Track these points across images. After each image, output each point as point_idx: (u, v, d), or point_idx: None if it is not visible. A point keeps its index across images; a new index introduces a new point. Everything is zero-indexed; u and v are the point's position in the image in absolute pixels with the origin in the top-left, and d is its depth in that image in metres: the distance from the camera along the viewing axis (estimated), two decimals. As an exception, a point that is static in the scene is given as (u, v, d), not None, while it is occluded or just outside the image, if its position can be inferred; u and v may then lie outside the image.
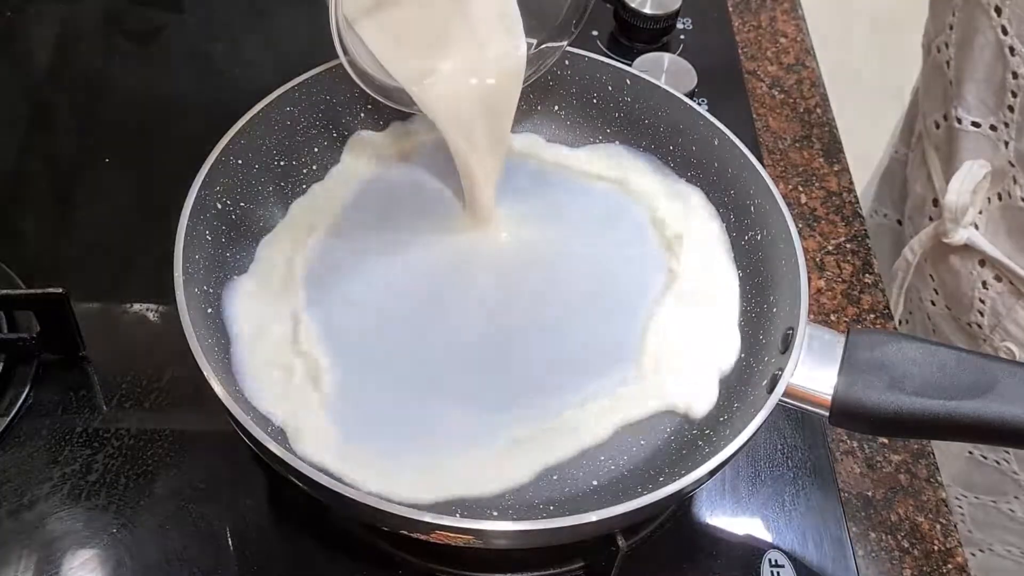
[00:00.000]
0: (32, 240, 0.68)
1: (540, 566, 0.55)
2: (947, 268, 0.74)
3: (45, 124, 0.76)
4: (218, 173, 0.56)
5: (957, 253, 0.73)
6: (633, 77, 0.64)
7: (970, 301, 0.73)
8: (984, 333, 0.73)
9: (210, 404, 0.47)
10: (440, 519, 0.45)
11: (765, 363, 0.54)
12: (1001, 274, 0.70)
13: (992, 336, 0.73)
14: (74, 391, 0.60)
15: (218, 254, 0.56)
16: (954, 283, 0.74)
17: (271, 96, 0.59)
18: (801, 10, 0.90)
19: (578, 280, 0.59)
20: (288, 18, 0.84)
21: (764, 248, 0.58)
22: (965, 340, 0.76)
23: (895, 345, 0.51)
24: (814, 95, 0.82)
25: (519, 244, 0.60)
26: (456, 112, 0.56)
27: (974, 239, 0.70)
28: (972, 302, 0.73)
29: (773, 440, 0.61)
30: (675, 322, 0.56)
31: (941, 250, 0.74)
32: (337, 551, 0.55)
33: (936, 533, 0.60)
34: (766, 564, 0.56)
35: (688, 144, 0.63)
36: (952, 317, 0.76)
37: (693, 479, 0.47)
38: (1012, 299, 0.70)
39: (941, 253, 0.74)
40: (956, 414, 0.48)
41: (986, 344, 0.73)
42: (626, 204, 0.62)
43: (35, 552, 0.54)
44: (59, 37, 0.82)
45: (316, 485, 0.45)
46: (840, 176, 0.77)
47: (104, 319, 0.64)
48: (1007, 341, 0.71)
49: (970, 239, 0.70)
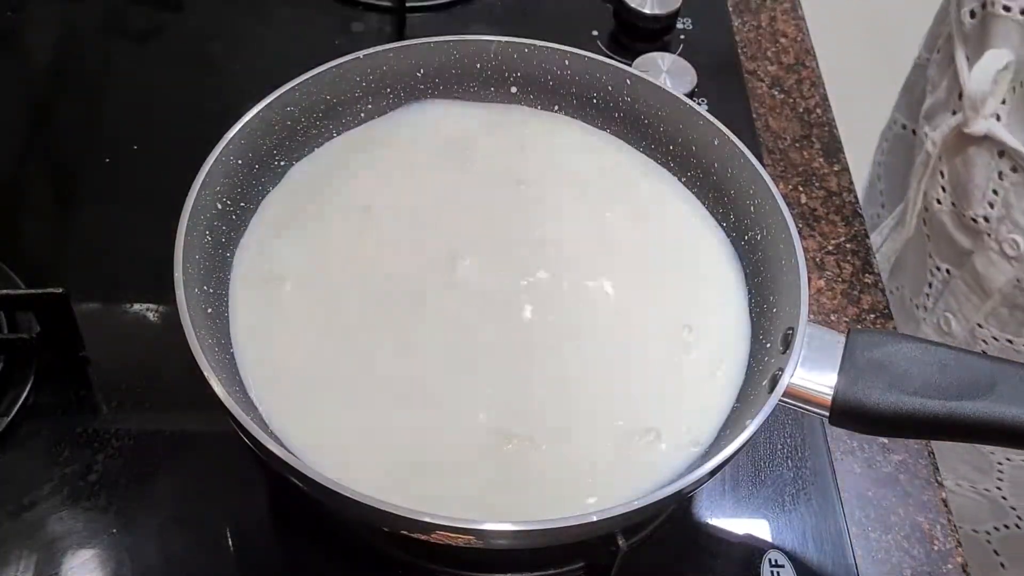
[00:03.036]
0: (32, 240, 0.68)
1: (540, 566, 0.56)
2: (963, 160, 0.76)
3: (45, 124, 0.76)
4: (218, 173, 0.56)
5: (976, 144, 0.74)
6: (633, 77, 0.64)
7: (981, 193, 0.74)
8: (990, 227, 0.75)
9: (210, 404, 0.47)
10: (440, 519, 0.44)
11: (765, 363, 0.54)
12: (1017, 165, 0.72)
13: (999, 228, 0.74)
14: (74, 391, 0.60)
15: (218, 254, 0.56)
16: (967, 175, 0.76)
17: (271, 96, 0.59)
18: (801, 10, 0.90)
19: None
20: (288, 18, 0.84)
21: (764, 248, 0.58)
22: (967, 237, 0.78)
23: (895, 345, 0.51)
24: (814, 95, 0.82)
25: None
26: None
27: (994, 129, 0.72)
28: (984, 194, 0.74)
29: (773, 440, 0.61)
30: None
31: (960, 143, 0.76)
32: (337, 551, 0.55)
33: (936, 533, 0.60)
34: (766, 564, 0.56)
35: (688, 144, 0.63)
36: (956, 214, 0.78)
37: (693, 479, 0.47)
38: (1022, 189, 0.72)
39: (959, 145, 0.76)
40: (956, 414, 0.48)
41: (990, 238, 0.75)
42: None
43: (35, 552, 0.54)
44: (59, 37, 0.82)
45: (316, 485, 0.45)
46: (840, 176, 0.77)
47: (104, 319, 0.64)
48: (1014, 233, 0.73)
49: (990, 129, 0.72)
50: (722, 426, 0.53)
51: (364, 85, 0.63)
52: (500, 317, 0.57)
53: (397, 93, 0.64)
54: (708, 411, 0.54)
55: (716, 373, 0.56)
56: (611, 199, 0.63)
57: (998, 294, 0.76)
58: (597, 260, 0.60)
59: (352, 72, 0.62)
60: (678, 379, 0.56)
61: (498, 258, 0.59)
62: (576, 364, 0.56)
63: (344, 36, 0.82)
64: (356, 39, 0.82)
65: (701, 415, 0.54)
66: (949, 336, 0.82)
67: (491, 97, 0.66)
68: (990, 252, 0.76)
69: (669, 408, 0.54)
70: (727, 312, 0.58)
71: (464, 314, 0.57)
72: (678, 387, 0.55)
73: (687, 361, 0.56)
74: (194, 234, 0.53)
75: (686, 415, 0.54)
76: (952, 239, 0.80)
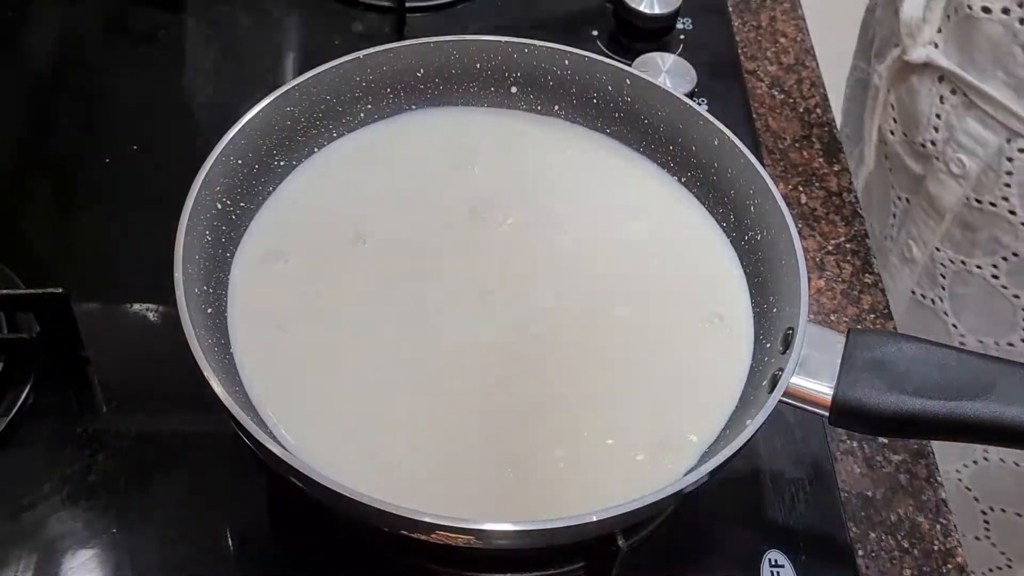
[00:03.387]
0: (32, 240, 0.68)
1: (540, 566, 0.55)
2: (908, 89, 0.81)
3: (45, 124, 0.76)
4: (218, 173, 0.56)
5: (917, 73, 0.79)
6: (633, 77, 0.64)
7: (927, 119, 0.79)
8: (937, 151, 0.79)
9: (210, 404, 0.47)
10: (440, 519, 0.44)
11: (765, 363, 0.54)
12: (956, 87, 0.76)
13: (945, 150, 0.78)
14: (74, 392, 0.60)
15: (218, 254, 0.56)
16: (912, 104, 0.81)
17: (271, 96, 0.59)
18: (801, 10, 0.90)
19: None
20: (288, 18, 0.84)
21: (764, 248, 0.58)
22: (918, 163, 0.82)
23: (895, 345, 0.51)
24: (814, 95, 0.82)
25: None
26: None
27: (932, 55, 0.76)
28: (928, 119, 0.79)
29: (773, 440, 0.61)
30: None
31: (903, 73, 0.80)
32: (337, 551, 0.55)
33: (936, 533, 0.60)
34: (766, 564, 0.56)
35: (688, 144, 0.63)
36: (908, 142, 0.83)
37: (693, 479, 0.47)
38: (963, 110, 0.76)
39: (903, 75, 0.81)
40: (956, 414, 0.48)
41: (939, 161, 0.79)
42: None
43: (35, 553, 0.54)
44: (59, 37, 0.82)
45: (316, 485, 0.45)
46: (840, 176, 0.77)
47: (104, 319, 0.64)
48: (959, 153, 0.76)
49: (929, 56, 0.76)
50: (722, 426, 0.53)
51: (364, 85, 0.63)
52: (501, 322, 0.57)
53: (397, 93, 0.64)
54: (709, 411, 0.54)
55: (716, 373, 0.56)
56: (611, 201, 0.63)
57: (950, 214, 0.80)
58: (597, 263, 0.60)
59: (352, 72, 0.62)
60: (678, 379, 0.56)
61: (498, 262, 0.60)
62: (576, 365, 0.56)
63: (344, 36, 0.82)
64: (356, 39, 0.82)
65: (702, 415, 0.54)
66: (912, 263, 0.85)
67: (491, 97, 0.66)
68: (940, 174, 0.79)
69: (670, 409, 0.55)
70: (727, 312, 0.58)
71: (465, 318, 0.57)
72: (678, 387, 0.55)
73: (687, 361, 0.56)
74: (194, 234, 0.53)
75: (687, 415, 0.54)
76: (907, 168, 0.84)
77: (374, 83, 0.63)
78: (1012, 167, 0.74)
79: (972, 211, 0.78)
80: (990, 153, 0.75)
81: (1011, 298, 0.79)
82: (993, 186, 0.75)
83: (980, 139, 0.75)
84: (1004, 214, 0.76)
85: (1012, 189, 0.74)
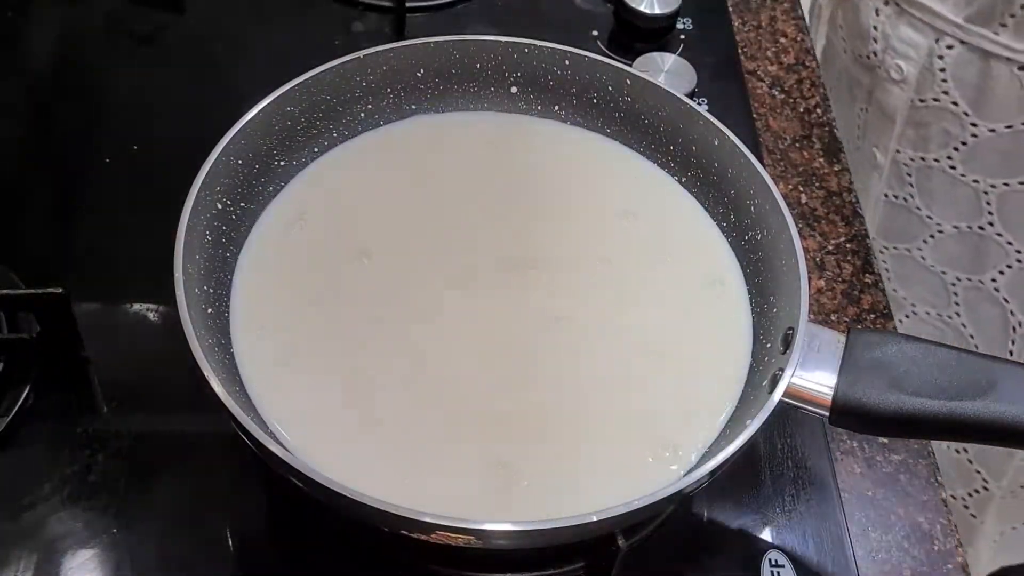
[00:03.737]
0: (32, 240, 0.68)
1: (540, 566, 0.55)
2: (850, 7, 0.91)
3: (46, 124, 0.76)
4: (218, 173, 0.56)
5: None
6: (633, 77, 0.64)
7: (867, 32, 0.88)
8: (878, 60, 0.88)
9: (210, 404, 0.47)
10: (440, 519, 0.44)
11: (765, 363, 0.54)
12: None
13: (884, 59, 0.87)
14: (74, 392, 0.60)
15: (218, 254, 0.56)
16: (855, 20, 0.90)
17: (271, 96, 0.59)
18: (801, 10, 0.90)
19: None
20: (288, 18, 0.84)
21: (764, 248, 0.58)
22: (865, 75, 0.91)
23: (895, 345, 0.51)
24: (814, 95, 0.82)
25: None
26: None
27: None
28: (868, 31, 0.88)
29: (773, 440, 0.61)
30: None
31: None
32: (337, 551, 0.55)
33: (936, 533, 0.60)
34: (766, 564, 0.56)
35: (688, 144, 0.63)
36: (856, 56, 0.92)
37: (693, 479, 0.47)
38: (896, 19, 0.85)
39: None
40: (956, 414, 0.48)
41: (880, 70, 0.88)
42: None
43: (35, 553, 0.54)
44: (59, 37, 0.82)
45: (316, 485, 0.45)
46: (840, 176, 0.77)
47: (104, 319, 0.64)
48: (896, 59, 0.85)
49: None
50: (722, 426, 0.53)
51: (364, 85, 0.63)
52: (500, 323, 0.57)
53: (397, 93, 0.64)
54: (709, 411, 0.54)
55: (716, 373, 0.56)
56: (611, 201, 0.63)
57: (900, 117, 0.87)
58: (597, 263, 0.60)
59: (352, 72, 0.62)
60: (678, 379, 0.56)
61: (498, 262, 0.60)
62: (576, 367, 0.56)
63: (344, 36, 0.82)
64: (356, 39, 0.82)
65: (702, 415, 0.54)
66: (879, 168, 0.92)
67: (491, 97, 0.66)
68: (884, 83, 0.88)
69: (670, 409, 0.55)
70: (727, 312, 0.58)
71: (465, 319, 0.57)
72: (678, 387, 0.55)
73: (687, 361, 0.56)
74: (194, 234, 0.53)
75: (687, 416, 0.54)
76: (860, 81, 0.92)
77: (374, 83, 0.63)
78: (944, 64, 0.82)
79: (919, 110, 0.86)
80: (923, 55, 0.83)
81: (971, 183, 0.85)
82: (932, 84, 0.84)
83: (912, 43, 0.84)
84: (947, 107, 0.84)
85: (949, 84, 0.83)
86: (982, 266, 0.90)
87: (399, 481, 0.50)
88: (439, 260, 0.59)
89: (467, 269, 0.59)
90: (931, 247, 0.92)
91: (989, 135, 0.83)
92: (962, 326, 0.94)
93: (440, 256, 0.59)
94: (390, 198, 0.62)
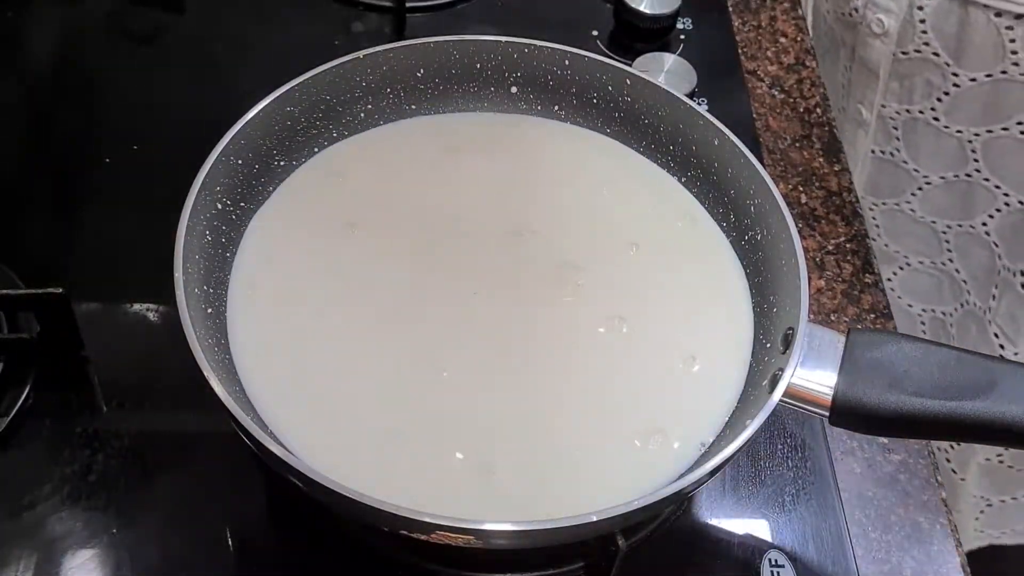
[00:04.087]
0: (32, 240, 0.68)
1: (540, 566, 0.55)
2: None
3: (45, 124, 0.76)
4: (218, 173, 0.56)
5: None
6: (633, 77, 0.64)
7: None
8: (860, 16, 0.89)
9: (210, 404, 0.47)
10: (440, 519, 0.44)
11: (765, 363, 0.54)
12: None
13: (866, 13, 0.88)
14: (74, 391, 0.60)
15: (218, 254, 0.56)
16: None
17: (271, 96, 0.59)
18: (801, 10, 0.90)
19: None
20: (288, 18, 0.84)
21: (764, 248, 0.58)
22: (848, 32, 0.93)
23: (895, 345, 0.51)
24: (814, 95, 0.82)
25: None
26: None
27: None
28: None
29: (773, 440, 0.61)
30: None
31: None
32: (337, 551, 0.55)
33: (936, 533, 0.60)
34: (766, 564, 0.56)
35: (688, 144, 0.63)
36: (839, 15, 0.94)
37: (693, 479, 0.47)
38: None
39: None
40: (956, 414, 0.48)
41: (862, 26, 0.89)
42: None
43: (35, 552, 0.54)
44: (59, 37, 0.82)
45: (316, 485, 0.45)
46: (840, 176, 0.77)
47: (104, 319, 0.64)
48: (878, 13, 0.87)
49: None
50: (722, 426, 0.53)
51: (364, 85, 0.63)
52: (500, 322, 0.57)
53: (397, 93, 0.64)
54: (708, 411, 0.54)
55: (716, 373, 0.56)
56: (610, 201, 0.63)
57: (883, 71, 0.89)
58: (597, 263, 0.60)
59: (352, 72, 0.62)
60: (678, 379, 0.56)
61: (498, 262, 0.60)
62: (576, 366, 0.56)
63: (344, 36, 0.82)
64: (356, 39, 0.82)
65: (701, 415, 0.54)
66: (865, 125, 0.94)
67: (491, 97, 0.66)
68: (866, 38, 0.89)
69: (670, 409, 0.55)
70: (727, 312, 0.58)
71: (464, 318, 0.57)
72: (678, 387, 0.55)
73: (687, 361, 0.56)
74: (194, 234, 0.53)
75: (687, 416, 0.54)
76: (843, 40, 0.94)
77: (374, 83, 0.63)
78: (924, 15, 0.84)
79: (901, 63, 0.87)
80: (903, 7, 0.85)
81: (955, 134, 0.87)
82: (913, 36, 0.85)
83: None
84: (929, 57, 0.85)
85: (929, 35, 0.84)
86: (971, 212, 0.91)
87: (399, 481, 0.50)
88: (439, 260, 0.59)
89: (467, 269, 0.59)
90: (919, 199, 0.93)
91: (970, 84, 0.84)
92: (956, 271, 0.95)
93: (440, 256, 0.59)
94: (390, 199, 0.62)
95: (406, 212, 0.61)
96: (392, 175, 0.63)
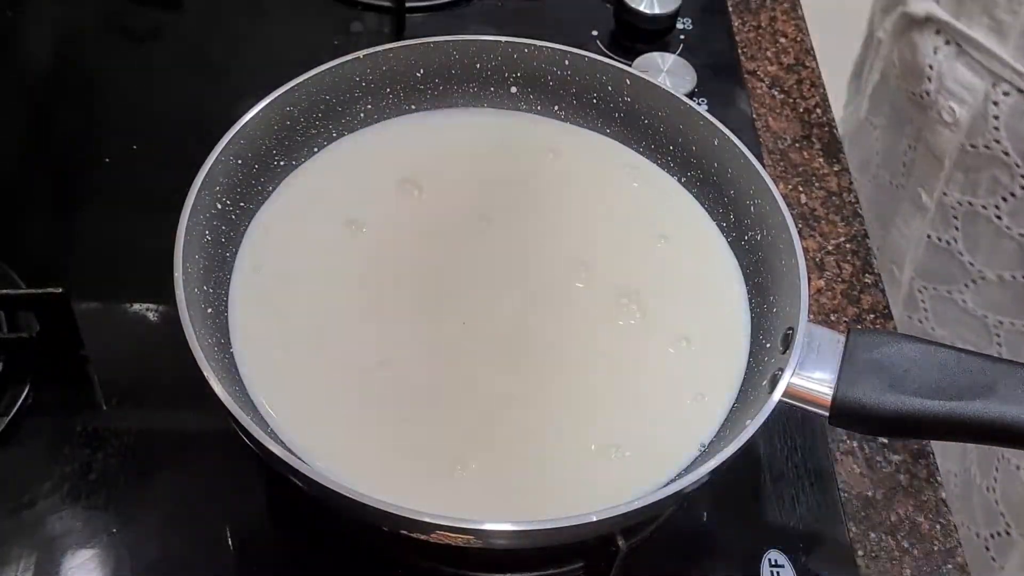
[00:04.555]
0: (32, 240, 0.68)
1: (540, 566, 0.56)
2: (907, 43, 0.87)
3: (45, 124, 0.76)
4: (218, 173, 0.56)
5: (918, 27, 0.85)
6: (633, 77, 0.64)
7: (922, 70, 0.85)
8: (931, 100, 0.85)
9: (210, 404, 0.47)
10: (440, 519, 0.45)
11: (765, 363, 0.54)
12: (949, 37, 0.82)
13: (937, 99, 0.84)
14: (74, 391, 0.60)
15: (218, 254, 0.56)
16: (912, 57, 0.86)
17: (271, 96, 0.59)
18: (801, 10, 0.90)
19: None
20: (288, 18, 0.84)
21: (764, 248, 0.58)
22: (917, 112, 0.88)
23: (895, 345, 0.51)
24: (814, 95, 0.82)
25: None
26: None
27: (932, 10, 0.83)
28: (924, 70, 0.85)
29: (773, 440, 0.61)
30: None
31: (905, 27, 0.87)
32: (337, 551, 0.55)
33: (936, 533, 0.60)
34: (766, 564, 0.56)
35: (688, 144, 0.63)
36: (908, 92, 0.89)
37: (693, 479, 0.47)
38: (953, 59, 0.82)
39: (905, 30, 0.87)
40: (956, 414, 0.48)
41: (932, 111, 0.85)
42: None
43: (35, 552, 0.54)
44: (59, 37, 0.82)
45: (316, 485, 0.45)
46: (840, 176, 0.77)
47: (104, 318, 0.64)
48: (950, 101, 0.82)
49: (928, 9, 0.83)
50: (722, 426, 0.53)
51: (364, 85, 0.63)
52: (499, 321, 0.57)
53: (397, 93, 0.64)
54: (708, 411, 0.54)
55: (716, 373, 0.56)
56: (610, 201, 0.63)
57: (948, 160, 0.84)
58: (595, 262, 0.60)
59: (352, 72, 0.62)
60: (678, 379, 0.56)
61: (497, 262, 0.60)
62: (575, 363, 0.56)
63: (344, 36, 0.82)
64: (356, 39, 0.82)
65: (701, 415, 0.54)
66: (924, 209, 0.89)
67: (491, 97, 0.66)
68: (935, 124, 0.85)
69: (669, 408, 0.55)
70: (727, 312, 0.58)
71: (467, 316, 0.57)
72: (678, 387, 0.55)
73: (687, 361, 0.56)
74: (194, 234, 0.53)
75: (686, 415, 0.54)
76: (910, 119, 0.90)
77: (374, 83, 0.63)
78: (998, 111, 0.79)
79: (969, 155, 0.82)
80: (978, 99, 0.80)
81: (1016, 236, 0.82)
82: (984, 130, 0.80)
83: (968, 85, 0.80)
84: (999, 155, 0.80)
85: (1002, 132, 0.79)
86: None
87: (400, 480, 0.50)
88: (439, 260, 0.59)
89: (467, 270, 0.59)
90: (972, 292, 0.88)
91: None
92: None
93: (440, 256, 0.59)
94: (390, 198, 0.62)
95: (408, 211, 0.61)
96: (393, 174, 0.63)
